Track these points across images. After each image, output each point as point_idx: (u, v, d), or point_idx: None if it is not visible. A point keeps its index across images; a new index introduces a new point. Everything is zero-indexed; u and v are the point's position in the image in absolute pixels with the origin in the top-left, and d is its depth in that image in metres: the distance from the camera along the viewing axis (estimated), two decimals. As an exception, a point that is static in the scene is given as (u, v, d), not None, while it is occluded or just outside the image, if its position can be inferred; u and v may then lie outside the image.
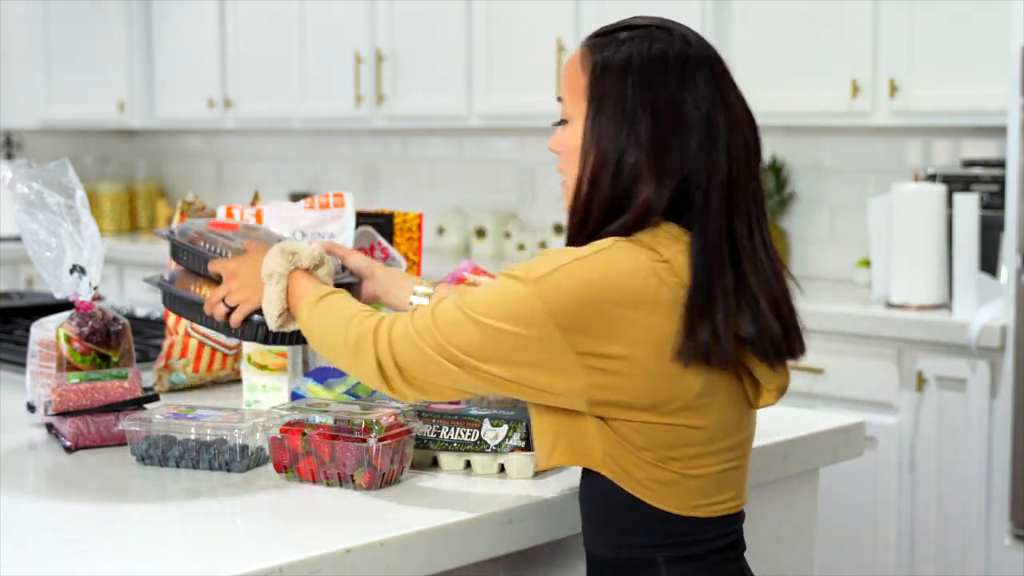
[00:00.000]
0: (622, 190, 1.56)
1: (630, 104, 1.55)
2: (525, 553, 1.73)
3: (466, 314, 1.56)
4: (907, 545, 3.38)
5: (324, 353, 1.73)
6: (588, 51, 1.61)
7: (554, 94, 1.69)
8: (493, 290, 1.57)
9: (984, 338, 3.22)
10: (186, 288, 1.96)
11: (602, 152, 1.56)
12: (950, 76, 3.56)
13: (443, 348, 1.56)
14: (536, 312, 1.51)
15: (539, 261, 1.56)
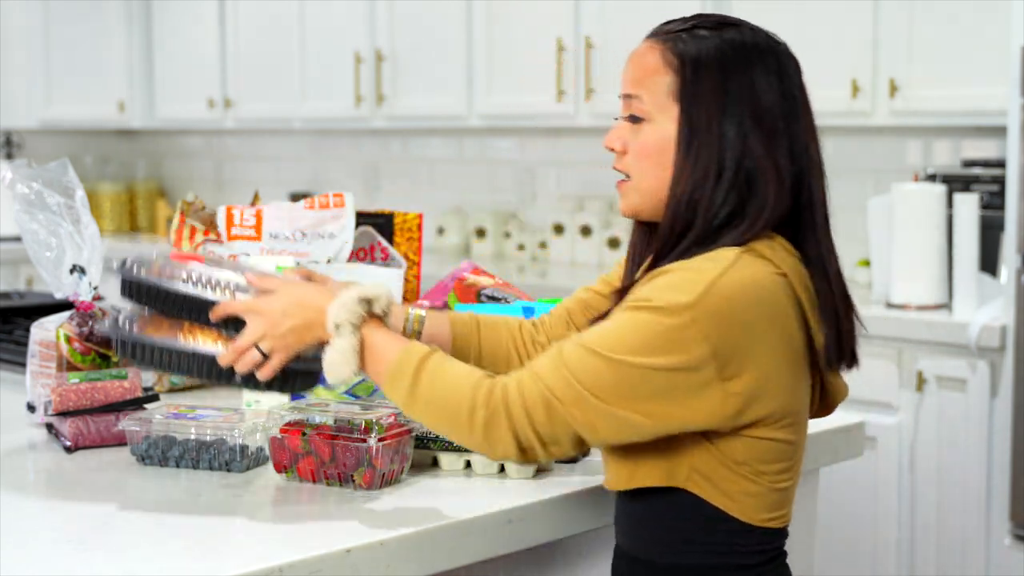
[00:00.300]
0: (736, 193, 1.51)
1: (733, 100, 1.51)
2: (525, 553, 1.73)
3: (608, 359, 1.45)
4: (907, 545, 3.38)
5: (432, 428, 1.56)
6: (664, 46, 1.55)
7: (622, 91, 1.60)
8: (632, 327, 1.45)
9: (984, 338, 3.22)
10: (166, 335, 1.63)
11: (707, 153, 1.50)
12: (950, 76, 3.56)
13: (590, 406, 1.45)
14: (691, 340, 1.43)
15: (674, 285, 1.45)
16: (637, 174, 1.58)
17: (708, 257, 1.48)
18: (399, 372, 1.53)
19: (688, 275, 1.46)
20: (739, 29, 1.56)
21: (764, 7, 3.83)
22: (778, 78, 1.54)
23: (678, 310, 1.43)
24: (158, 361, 1.61)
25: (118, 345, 1.63)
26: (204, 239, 2.36)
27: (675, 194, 1.53)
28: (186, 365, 1.60)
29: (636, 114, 1.57)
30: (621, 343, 1.45)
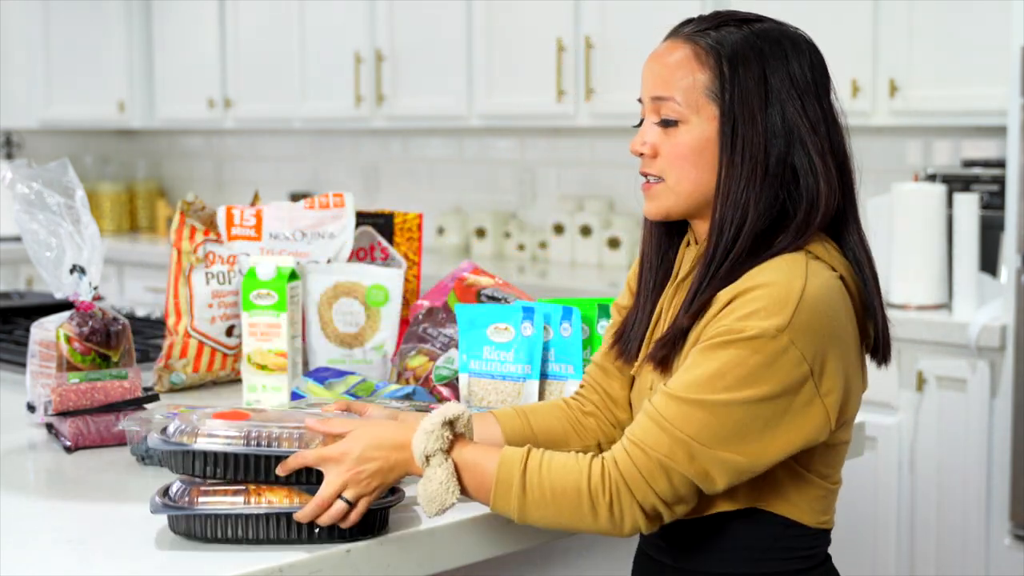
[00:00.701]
0: (784, 189, 1.48)
1: (775, 92, 1.48)
2: (525, 553, 1.73)
3: (708, 403, 1.40)
4: (907, 545, 3.37)
5: (553, 526, 1.47)
6: (694, 44, 1.51)
7: (648, 94, 1.54)
8: (727, 363, 1.40)
9: (984, 338, 3.22)
10: (230, 501, 1.49)
11: (752, 150, 1.47)
12: (950, 76, 3.56)
13: (704, 456, 1.41)
14: (791, 363, 1.40)
15: (761, 309, 1.40)
16: (674, 177, 1.52)
17: (779, 268, 1.44)
18: (504, 485, 1.45)
19: (771, 293, 1.41)
20: (763, 22, 1.54)
21: (764, 8, 3.83)
22: (811, 67, 1.53)
23: (774, 335, 1.39)
24: (224, 532, 1.48)
25: (174, 522, 1.50)
26: (204, 239, 2.36)
27: (724, 195, 1.49)
28: (261, 530, 1.48)
29: (669, 117, 1.51)
30: (719, 383, 1.40)
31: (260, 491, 1.48)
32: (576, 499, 1.42)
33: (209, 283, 2.35)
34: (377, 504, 1.50)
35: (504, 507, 1.46)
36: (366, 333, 2.32)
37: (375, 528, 1.51)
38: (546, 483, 1.43)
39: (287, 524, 1.47)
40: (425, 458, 1.45)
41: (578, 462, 1.44)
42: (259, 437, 1.48)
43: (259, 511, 1.47)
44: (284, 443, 1.48)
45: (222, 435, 1.48)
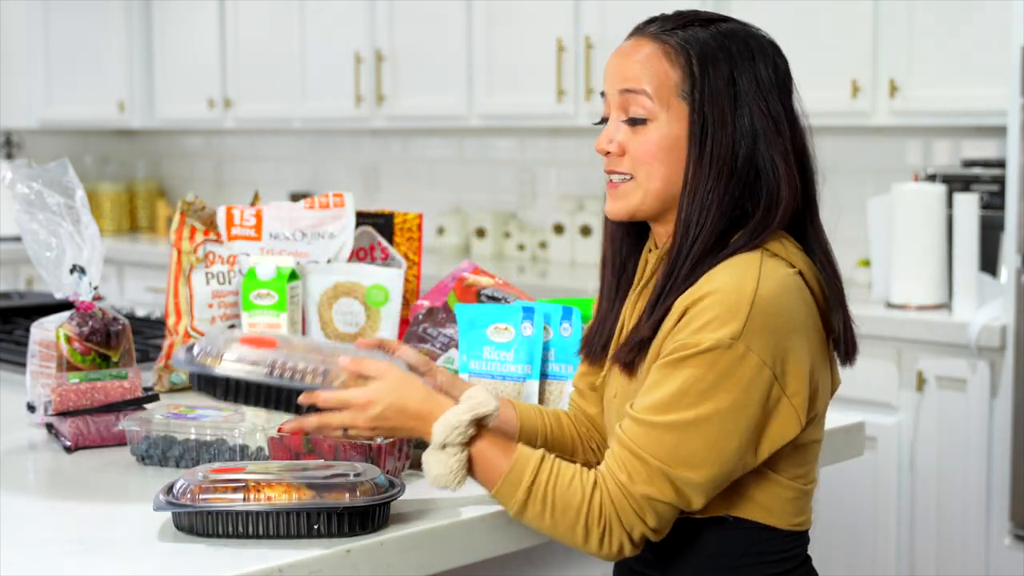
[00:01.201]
0: (746, 188, 1.49)
1: (742, 93, 1.49)
2: (525, 553, 1.73)
3: (680, 424, 1.41)
4: (907, 545, 3.37)
5: (546, 535, 1.49)
6: (663, 43, 1.51)
7: (614, 88, 1.53)
8: (687, 380, 1.41)
9: (984, 338, 3.22)
10: (224, 497, 1.50)
11: (721, 150, 1.47)
12: (950, 76, 3.56)
13: (688, 481, 1.42)
14: (752, 368, 1.41)
15: (714, 318, 1.40)
16: (644, 175, 1.52)
17: (731, 271, 1.44)
18: (510, 485, 1.47)
19: (723, 300, 1.41)
20: (730, 22, 1.54)
21: (764, 7, 3.83)
22: (775, 69, 1.53)
23: (729, 344, 1.40)
24: (225, 528, 1.49)
25: (177, 518, 1.51)
26: (204, 239, 2.36)
27: (690, 195, 1.49)
28: (261, 526, 1.48)
29: (637, 115, 1.51)
30: (683, 400, 1.41)
31: (260, 487, 1.49)
32: (574, 520, 1.44)
33: (209, 283, 2.35)
34: (377, 499, 1.50)
35: (504, 502, 1.48)
36: (366, 333, 2.31)
37: (375, 524, 1.51)
38: (550, 497, 1.45)
39: (286, 521, 1.48)
40: (442, 445, 1.47)
41: (583, 486, 1.45)
42: (283, 368, 1.49)
43: (259, 508, 1.47)
44: (308, 377, 1.50)
45: (247, 362, 1.49)
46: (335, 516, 1.48)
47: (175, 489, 1.51)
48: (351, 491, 1.50)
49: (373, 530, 1.50)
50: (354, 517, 1.49)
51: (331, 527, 1.48)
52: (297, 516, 1.48)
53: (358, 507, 1.49)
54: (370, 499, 1.50)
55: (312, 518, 1.48)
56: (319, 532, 1.48)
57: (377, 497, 1.50)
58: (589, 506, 1.44)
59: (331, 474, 1.53)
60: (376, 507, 1.50)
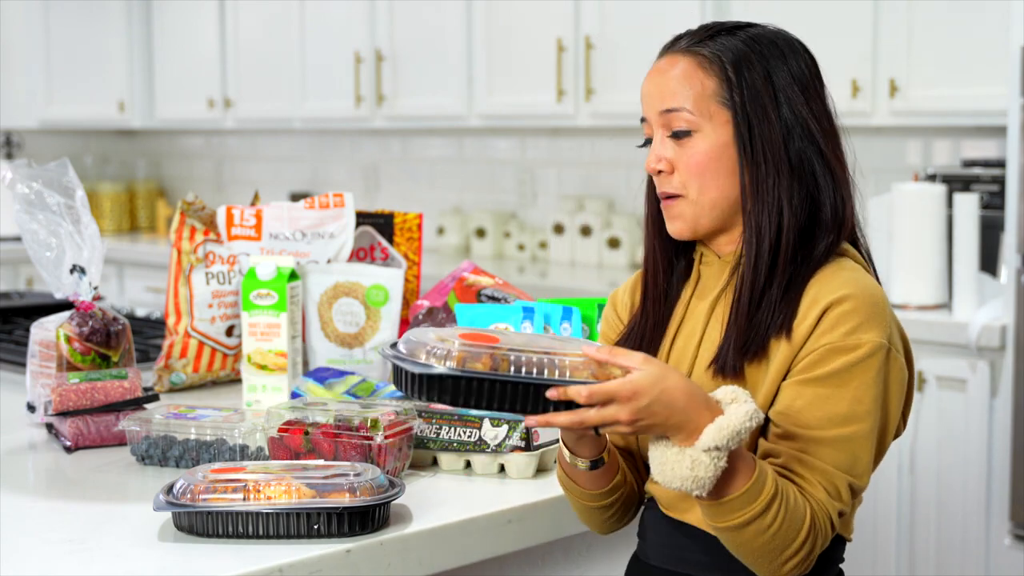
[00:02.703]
0: (815, 187, 1.50)
1: (781, 89, 1.49)
2: (525, 553, 1.73)
3: (855, 436, 1.43)
4: (907, 545, 3.37)
5: (755, 548, 1.41)
6: (693, 56, 1.51)
7: (654, 110, 1.51)
8: (856, 390, 1.42)
9: (984, 338, 3.22)
10: (224, 497, 1.49)
11: (772, 148, 1.48)
12: (950, 76, 3.56)
13: (859, 485, 1.46)
14: (901, 368, 1.46)
15: (861, 318, 1.42)
16: (696, 188, 1.50)
17: (851, 274, 1.47)
18: (747, 496, 1.38)
19: (865, 301, 1.43)
20: (756, 27, 1.55)
21: (764, 7, 3.83)
22: (807, 66, 1.53)
23: (887, 345, 1.43)
24: (225, 528, 1.46)
25: (177, 518, 1.47)
26: (204, 239, 2.36)
27: (754, 196, 1.48)
28: (261, 526, 1.46)
29: (680, 128, 1.50)
30: (859, 408, 1.42)
31: (260, 488, 1.49)
32: (794, 536, 1.40)
33: (209, 283, 2.35)
34: (377, 499, 1.50)
35: (730, 511, 1.39)
36: (366, 333, 2.32)
37: (375, 524, 1.51)
38: (779, 519, 1.39)
39: (285, 520, 1.48)
40: (706, 451, 1.34)
41: (806, 503, 1.41)
42: (528, 364, 1.36)
43: (259, 508, 1.48)
44: (550, 371, 1.36)
45: (479, 359, 1.35)
46: (335, 516, 1.49)
47: (175, 489, 1.51)
48: (351, 491, 1.50)
49: (373, 530, 1.51)
50: (354, 517, 1.49)
51: (331, 527, 1.48)
52: (297, 516, 1.48)
53: (358, 507, 1.49)
54: (370, 499, 1.50)
55: (312, 518, 1.48)
56: (319, 532, 1.48)
57: (377, 497, 1.50)
58: (812, 523, 1.40)
59: (331, 474, 1.53)
60: (376, 507, 1.51)
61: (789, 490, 1.40)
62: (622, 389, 1.33)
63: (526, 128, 4.96)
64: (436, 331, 1.42)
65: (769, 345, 1.47)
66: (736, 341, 1.49)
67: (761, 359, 1.48)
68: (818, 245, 1.49)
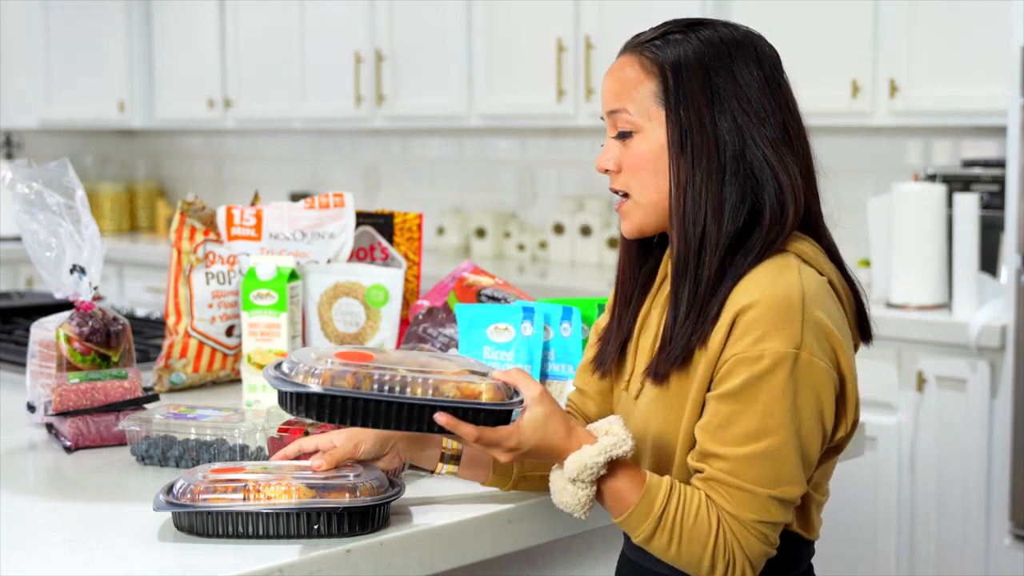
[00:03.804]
0: (746, 188, 1.48)
1: (720, 96, 1.49)
2: (525, 553, 1.73)
3: (768, 451, 1.42)
4: (907, 545, 3.38)
5: (668, 562, 1.48)
6: (640, 56, 1.53)
7: (605, 109, 1.55)
8: (769, 400, 1.41)
9: (984, 338, 3.22)
10: (223, 497, 1.48)
11: (704, 152, 1.48)
12: (950, 76, 3.56)
13: (794, 494, 1.44)
14: (822, 372, 1.43)
15: (769, 330, 1.41)
16: (637, 189, 1.53)
17: (769, 275, 1.45)
18: (638, 517, 1.45)
19: (774, 306, 1.42)
20: (712, 27, 1.55)
21: (764, 8, 3.83)
22: (759, 68, 1.52)
23: (795, 353, 1.41)
24: (225, 528, 1.48)
25: (177, 518, 1.48)
26: (204, 239, 2.36)
27: (680, 194, 1.49)
28: (260, 526, 1.48)
29: (624, 128, 1.53)
30: (771, 422, 1.41)
31: (259, 488, 1.49)
32: (700, 553, 1.44)
33: (209, 283, 2.35)
34: (377, 500, 1.50)
35: (630, 531, 1.47)
36: (366, 333, 2.32)
37: (375, 524, 1.51)
38: (677, 529, 1.44)
39: (285, 521, 1.48)
40: (571, 481, 1.46)
41: (709, 519, 1.44)
42: (392, 382, 1.43)
43: (259, 508, 1.48)
44: (418, 390, 1.44)
45: (347, 378, 1.42)
46: (335, 516, 1.49)
47: (175, 489, 1.51)
48: (351, 491, 1.50)
49: (373, 530, 1.51)
50: (354, 517, 1.49)
51: (331, 527, 1.48)
52: (297, 516, 1.48)
53: (358, 507, 1.49)
54: (370, 499, 1.50)
55: (312, 518, 1.48)
56: (319, 532, 1.48)
57: (377, 497, 1.50)
58: (715, 540, 1.43)
59: (331, 474, 1.53)
60: (376, 507, 1.50)
61: (689, 510, 1.44)
62: (508, 440, 1.46)
63: (526, 128, 4.96)
64: (319, 350, 1.49)
65: (693, 354, 1.48)
66: (663, 348, 1.51)
67: (686, 369, 1.49)
68: (752, 247, 1.47)
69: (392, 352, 1.56)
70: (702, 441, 1.46)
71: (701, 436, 1.46)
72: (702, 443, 1.46)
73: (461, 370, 1.49)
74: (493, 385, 1.46)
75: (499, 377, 1.48)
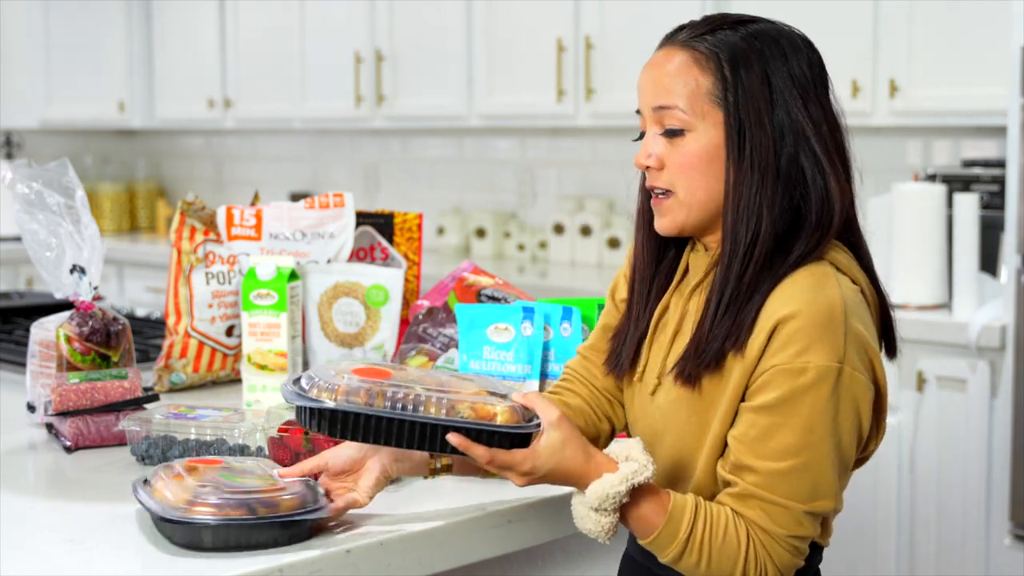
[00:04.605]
0: (796, 192, 1.46)
1: (778, 91, 1.46)
2: (525, 553, 1.73)
3: (808, 466, 1.40)
4: (907, 545, 3.38)
5: None
6: (691, 50, 1.47)
7: (649, 104, 1.49)
8: (807, 419, 1.39)
9: (984, 338, 3.22)
10: None
11: (762, 153, 1.44)
12: (950, 76, 3.56)
13: (820, 510, 1.43)
14: (861, 387, 1.42)
15: (813, 344, 1.38)
16: (684, 187, 1.48)
17: (809, 285, 1.42)
18: (666, 538, 1.43)
19: (816, 318, 1.39)
20: (758, 22, 1.51)
21: (764, 8, 3.83)
22: (809, 65, 1.50)
23: (838, 367, 1.39)
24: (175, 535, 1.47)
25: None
26: (204, 239, 2.36)
27: (735, 202, 1.45)
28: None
29: (673, 126, 1.47)
30: (811, 437, 1.39)
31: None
32: (730, 570, 1.42)
33: (209, 283, 2.35)
34: (305, 515, 1.48)
35: (657, 552, 1.45)
36: (366, 333, 2.32)
37: (303, 538, 1.48)
38: (706, 549, 1.42)
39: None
40: (593, 509, 1.43)
41: (738, 536, 1.42)
42: (405, 400, 1.41)
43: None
44: (432, 409, 1.42)
45: (362, 394, 1.40)
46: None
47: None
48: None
49: (300, 541, 1.48)
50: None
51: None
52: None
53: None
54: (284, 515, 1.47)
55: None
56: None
57: (306, 514, 1.47)
58: (746, 556, 1.42)
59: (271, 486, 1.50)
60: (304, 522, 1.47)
61: (717, 528, 1.42)
62: (522, 464, 1.42)
63: (526, 128, 4.96)
64: (339, 366, 1.48)
65: (726, 359, 1.45)
66: (696, 350, 1.48)
67: (718, 373, 1.46)
68: (792, 252, 1.45)
69: (412, 370, 1.53)
70: (737, 453, 1.43)
71: (737, 447, 1.43)
72: (737, 455, 1.43)
73: (479, 390, 1.46)
74: (510, 407, 1.43)
75: (518, 400, 1.45)
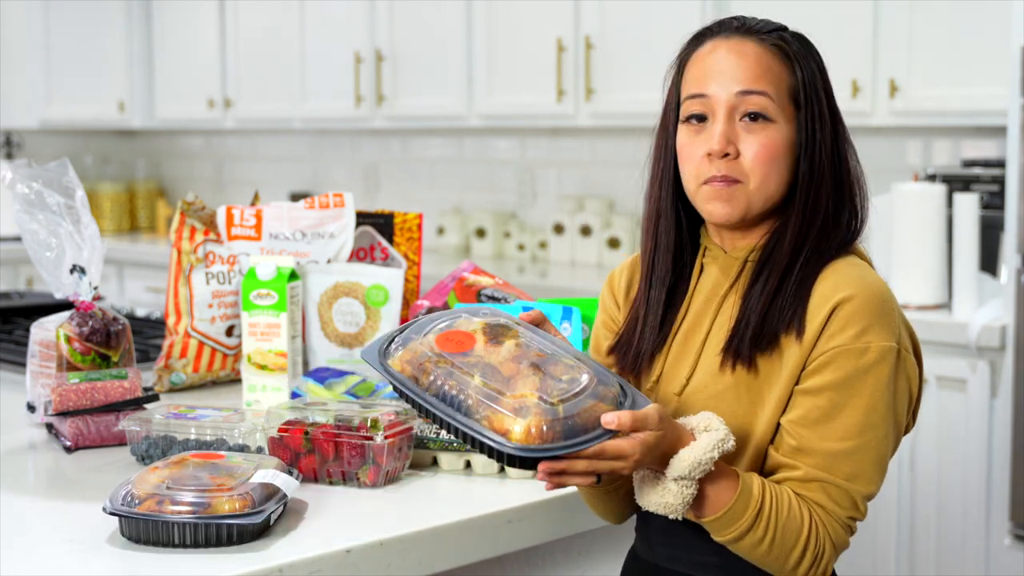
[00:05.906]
0: (838, 196, 1.51)
1: (832, 98, 1.53)
2: (525, 553, 1.73)
3: (869, 444, 1.42)
4: (907, 545, 3.38)
5: (756, 558, 1.45)
6: (773, 47, 1.51)
7: (708, 89, 1.49)
8: (869, 399, 1.42)
9: (984, 338, 3.22)
10: None
11: (821, 155, 1.50)
12: (950, 76, 3.56)
13: (872, 495, 1.46)
14: (913, 368, 1.46)
15: (868, 320, 1.41)
16: (759, 179, 1.48)
17: (857, 272, 1.46)
18: (731, 517, 1.42)
19: (872, 302, 1.42)
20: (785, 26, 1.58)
21: (764, 7, 3.83)
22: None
23: (895, 349, 1.43)
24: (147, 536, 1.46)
25: None
26: (204, 239, 2.36)
27: (807, 191, 1.49)
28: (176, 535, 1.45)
29: (761, 111, 1.47)
30: (874, 416, 1.42)
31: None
32: (792, 545, 1.42)
33: (209, 283, 2.35)
34: (267, 512, 1.48)
35: (721, 528, 1.43)
36: (366, 333, 2.32)
37: (261, 534, 1.49)
38: (772, 524, 1.42)
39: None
40: (678, 479, 1.40)
41: (800, 513, 1.43)
42: (437, 389, 1.36)
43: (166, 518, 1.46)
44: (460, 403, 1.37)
45: (411, 368, 1.37)
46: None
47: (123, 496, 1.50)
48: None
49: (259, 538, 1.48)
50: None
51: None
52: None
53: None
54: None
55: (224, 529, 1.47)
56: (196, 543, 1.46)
57: (268, 511, 1.48)
58: (808, 534, 1.42)
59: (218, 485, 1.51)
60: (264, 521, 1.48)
61: (782, 504, 1.42)
62: (627, 449, 1.35)
63: (526, 128, 4.96)
64: (442, 318, 1.45)
65: (781, 340, 1.46)
66: (751, 331, 1.47)
67: (774, 353, 1.46)
68: (833, 240, 1.49)
69: (506, 347, 1.45)
70: (797, 436, 1.44)
71: (795, 431, 1.44)
72: (800, 438, 1.44)
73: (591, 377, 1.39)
74: (527, 428, 1.33)
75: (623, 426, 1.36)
